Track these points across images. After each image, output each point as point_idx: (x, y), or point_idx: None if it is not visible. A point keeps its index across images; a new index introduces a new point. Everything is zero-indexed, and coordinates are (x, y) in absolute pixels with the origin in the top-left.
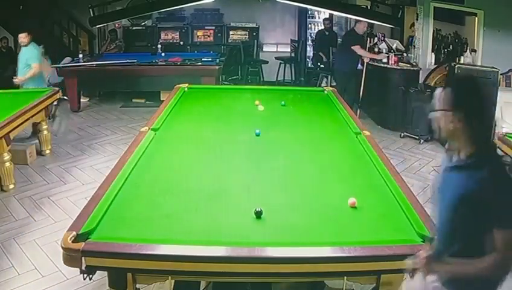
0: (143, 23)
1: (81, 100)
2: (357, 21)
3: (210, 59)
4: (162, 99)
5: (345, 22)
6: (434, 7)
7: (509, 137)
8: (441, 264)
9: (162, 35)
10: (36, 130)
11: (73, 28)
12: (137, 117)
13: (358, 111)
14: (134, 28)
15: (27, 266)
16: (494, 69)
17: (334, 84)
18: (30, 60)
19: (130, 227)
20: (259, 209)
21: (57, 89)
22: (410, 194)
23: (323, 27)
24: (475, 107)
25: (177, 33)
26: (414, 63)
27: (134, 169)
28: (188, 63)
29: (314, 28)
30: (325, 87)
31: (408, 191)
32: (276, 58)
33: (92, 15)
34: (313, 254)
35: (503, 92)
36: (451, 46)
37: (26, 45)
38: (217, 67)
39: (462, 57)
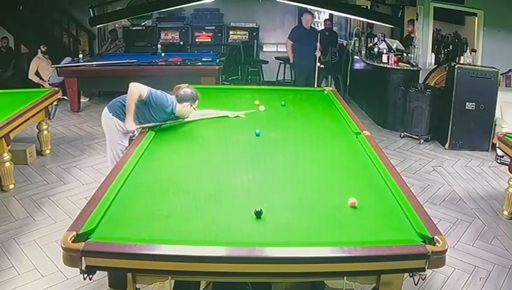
0: (143, 23)
1: (81, 100)
2: (303, 14)
3: (210, 59)
4: None
5: (345, 22)
6: (434, 7)
7: (509, 137)
8: None
9: (162, 35)
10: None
11: (73, 28)
12: None
13: None
14: (134, 28)
15: (27, 266)
16: (494, 69)
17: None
18: None
19: (130, 227)
20: (259, 209)
21: (57, 89)
22: (410, 194)
23: (323, 27)
24: None
25: (177, 33)
26: (414, 63)
27: (134, 169)
28: (188, 63)
29: None
30: (325, 87)
31: (408, 191)
32: (276, 58)
33: (92, 15)
34: (313, 254)
35: (503, 92)
36: (451, 46)
37: None
38: (217, 67)
39: (462, 57)
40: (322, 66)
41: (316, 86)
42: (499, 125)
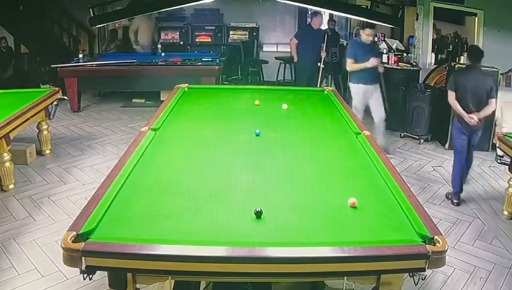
0: None
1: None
2: (313, 16)
3: (210, 59)
4: (162, 99)
5: (345, 22)
6: (434, 7)
7: (509, 137)
8: None
9: (162, 35)
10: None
11: (73, 28)
12: (137, 117)
13: None
14: None
15: (27, 266)
16: (494, 69)
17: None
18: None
19: (130, 227)
20: (259, 209)
21: (57, 89)
22: (410, 194)
23: (327, 27)
24: None
25: (177, 33)
26: (414, 63)
27: (135, 169)
28: (188, 63)
29: None
30: (325, 87)
31: (408, 191)
32: (276, 58)
33: (92, 15)
34: (313, 254)
35: (503, 92)
36: (451, 46)
37: None
38: (217, 67)
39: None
40: (322, 65)
41: (318, 86)
42: (499, 125)
